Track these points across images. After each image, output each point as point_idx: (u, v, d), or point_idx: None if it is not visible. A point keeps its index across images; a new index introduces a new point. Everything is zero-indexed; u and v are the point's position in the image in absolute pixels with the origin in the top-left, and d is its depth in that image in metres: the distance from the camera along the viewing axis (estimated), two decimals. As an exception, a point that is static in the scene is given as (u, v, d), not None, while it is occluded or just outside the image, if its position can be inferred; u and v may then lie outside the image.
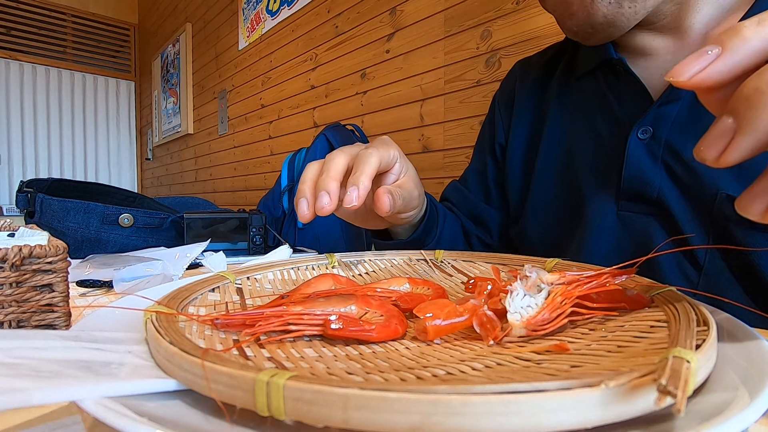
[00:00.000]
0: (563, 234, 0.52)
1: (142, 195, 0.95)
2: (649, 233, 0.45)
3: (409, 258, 0.45)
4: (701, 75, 0.20)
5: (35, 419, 0.20)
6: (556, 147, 0.54)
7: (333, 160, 0.37)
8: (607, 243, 0.47)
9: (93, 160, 4.06)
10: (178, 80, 3.16)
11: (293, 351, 0.23)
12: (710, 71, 0.20)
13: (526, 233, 0.57)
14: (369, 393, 0.14)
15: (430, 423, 0.13)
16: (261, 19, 2.19)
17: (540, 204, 0.56)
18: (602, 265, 0.31)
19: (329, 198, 0.35)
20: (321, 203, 0.34)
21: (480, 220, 0.63)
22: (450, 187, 0.68)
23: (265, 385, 0.15)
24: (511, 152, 0.60)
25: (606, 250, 0.47)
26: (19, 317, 0.30)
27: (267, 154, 2.21)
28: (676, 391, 0.13)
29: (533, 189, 0.56)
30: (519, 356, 0.21)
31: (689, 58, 0.20)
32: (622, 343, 0.21)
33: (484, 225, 0.63)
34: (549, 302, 0.24)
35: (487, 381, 0.16)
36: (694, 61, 0.20)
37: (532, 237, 0.56)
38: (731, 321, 0.23)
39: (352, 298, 0.27)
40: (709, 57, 0.20)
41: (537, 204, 0.56)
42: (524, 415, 0.13)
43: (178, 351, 0.18)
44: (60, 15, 3.85)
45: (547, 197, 0.55)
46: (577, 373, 0.18)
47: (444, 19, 1.28)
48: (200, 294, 0.31)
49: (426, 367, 0.20)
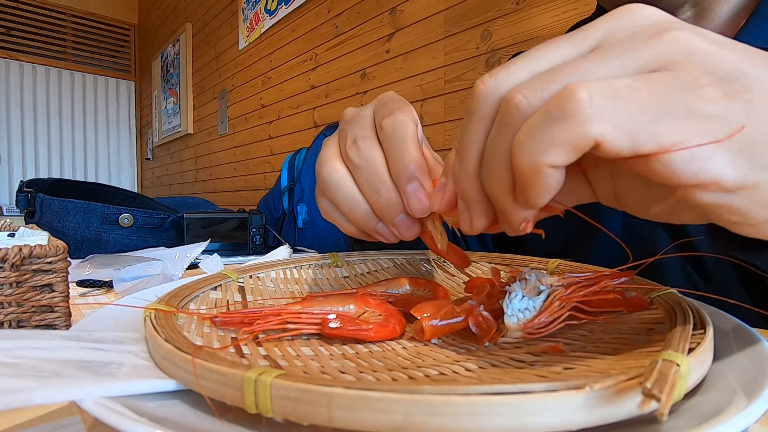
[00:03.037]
0: (565, 241, 0.52)
1: (142, 195, 0.95)
2: (655, 240, 0.44)
3: (411, 257, 0.45)
4: (443, 202, 0.23)
5: (35, 419, 0.20)
6: None
7: (368, 161, 0.26)
8: (612, 250, 0.47)
9: (93, 160, 4.05)
10: (178, 80, 3.16)
11: (290, 350, 0.23)
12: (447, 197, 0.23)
13: (524, 240, 0.56)
14: (352, 392, 0.14)
15: (413, 423, 0.13)
16: (260, 18, 2.19)
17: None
18: None
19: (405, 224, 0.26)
20: (402, 233, 0.26)
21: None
22: None
23: (253, 382, 0.15)
24: None
25: (610, 257, 0.47)
26: (19, 317, 0.30)
27: (267, 154, 2.21)
28: (661, 395, 0.13)
29: None
30: (514, 357, 0.21)
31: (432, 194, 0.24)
32: (618, 345, 0.21)
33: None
34: (546, 306, 0.24)
35: (475, 382, 0.16)
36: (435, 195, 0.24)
37: (530, 243, 0.56)
38: (733, 322, 0.23)
39: (350, 298, 0.27)
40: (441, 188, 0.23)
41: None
42: (507, 416, 0.13)
43: (172, 348, 0.18)
44: (60, 15, 3.85)
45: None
46: (568, 375, 0.18)
47: (444, 19, 1.28)
48: (201, 292, 0.31)
49: (420, 367, 0.20)
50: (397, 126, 0.25)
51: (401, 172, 0.25)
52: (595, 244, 0.48)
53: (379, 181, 0.25)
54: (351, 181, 0.26)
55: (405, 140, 0.25)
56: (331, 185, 0.27)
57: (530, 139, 0.17)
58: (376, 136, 0.26)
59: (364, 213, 0.26)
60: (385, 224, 0.26)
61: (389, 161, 0.25)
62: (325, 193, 0.28)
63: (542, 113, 0.17)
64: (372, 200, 0.26)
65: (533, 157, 0.17)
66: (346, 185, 0.26)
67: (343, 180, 0.26)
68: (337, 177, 0.26)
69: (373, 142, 0.26)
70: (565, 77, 0.17)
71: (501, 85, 0.19)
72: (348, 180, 0.26)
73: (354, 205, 0.26)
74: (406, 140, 0.25)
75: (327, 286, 0.39)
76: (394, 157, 0.25)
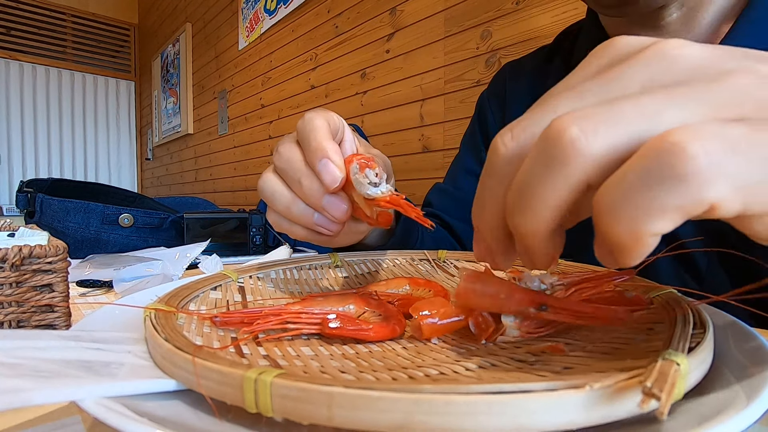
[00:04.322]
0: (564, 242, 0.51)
1: (142, 195, 0.95)
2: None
3: (411, 258, 0.45)
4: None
5: (35, 419, 0.20)
6: None
7: (288, 161, 0.29)
8: None
9: (93, 160, 4.06)
10: (178, 80, 3.16)
11: (290, 349, 0.23)
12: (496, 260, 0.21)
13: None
14: (353, 391, 0.14)
15: (413, 422, 0.13)
16: (259, 18, 2.19)
17: None
18: None
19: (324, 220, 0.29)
20: (324, 228, 0.29)
21: None
22: (434, 190, 0.65)
23: (253, 382, 0.15)
24: None
25: None
26: (19, 317, 0.30)
27: (267, 154, 2.21)
28: (661, 394, 0.13)
29: None
30: (514, 357, 0.21)
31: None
32: (618, 345, 0.21)
33: None
34: None
35: (476, 381, 0.16)
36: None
37: None
38: (731, 321, 0.23)
39: (350, 298, 0.28)
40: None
41: None
42: (508, 415, 0.13)
43: (172, 348, 0.18)
44: (60, 15, 3.85)
45: None
46: (568, 374, 0.18)
47: (444, 19, 1.28)
48: (201, 292, 0.31)
49: (420, 367, 0.20)
50: (305, 123, 0.29)
51: (311, 155, 0.28)
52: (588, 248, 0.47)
53: (299, 172, 0.28)
54: (282, 185, 0.30)
55: (312, 131, 0.28)
56: (267, 193, 0.30)
57: (628, 204, 0.14)
58: (296, 142, 0.30)
59: (299, 209, 0.29)
60: (318, 211, 0.29)
61: (304, 154, 0.29)
62: (269, 204, 0.31)
63: (639, 171, 0.14)
64: (299, 192, 0.29)
65: (634, 225, 0.14)
66: (280, 189, 0.30)
67: (275, 185, 0.30)
68: (270, 185, 0.30)
69: (292, 145, 0.29)
70: (638, 113, 0.14)
71: (544, 118, 0.17)
72: (279, 185, 0.30)
73: (289, 203, 0.29)
74: (313, 130, 0.28)
75: (327, 286, 0.39)
76: (305, 148, 0.28)
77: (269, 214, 0.32)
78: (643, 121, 0.14)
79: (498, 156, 0.18)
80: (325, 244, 0.36)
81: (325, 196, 0.28)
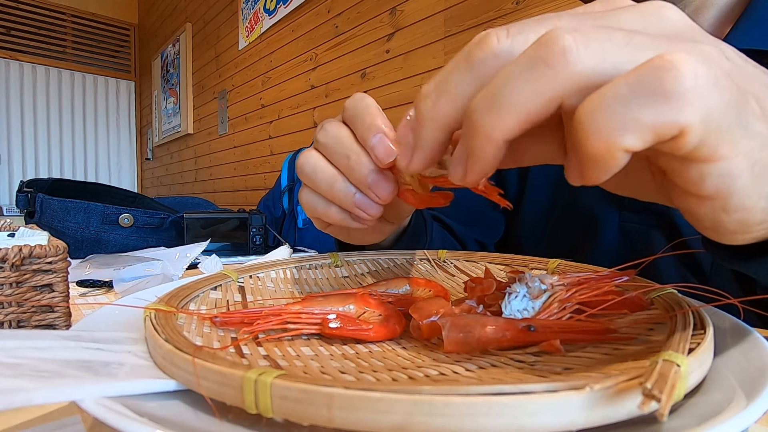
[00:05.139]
0: (561, 245, 0.51)
1: (142, 195, 0.95)
2: (652, 245, 0.44)
3: (411, 257, 0.45)
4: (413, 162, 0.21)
5: (35, 419, 0.20)
6: None
7: (335, 137, 0.27)
8: (608, 255, 0.47)
9: (93, 160, 4.06)
10: (178, 80, 3.16)
11: (290, 350, 0.23)
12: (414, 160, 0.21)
13: (521, 244, 0.56)
14: (353, 392, 0.14)
15: (413, 423, 0.13)
16: (259, 18, 2.19)
17: (535, 214, 0.54)
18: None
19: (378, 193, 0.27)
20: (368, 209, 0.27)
21: (480, 219, 0.63)
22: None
23: (253, 383, 0.15)
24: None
25: (607, 262, 0.47)
26: (19, 317, 0.30)
27: (267, 154, 2.21)
28: (661, 395, 0.13)
29: (527, 199, 0.55)
30: (514, 358, 0.21)
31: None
32: (618, 345, 0.21)
33: (486, 225, 0.62)
34: (545, 308, 0.24)
35: (476, 382, 0.16)
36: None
37: (527, 248, 0.55)
38: (733, 322, 0.23)
39: (350, 298, 0.27)
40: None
41: (531, 213, 0.55)
42: (508, 416, 0.13)
43: (172, 348, 0.18)
44: (60, 15, 3.85)
45: (543, 207, 0.54)
46: (568, 375, 0.18)
47: (444, 19, 1.28)
48: (201, 292, 0.31)
49: (420, 367, 0.20)
50: (356, 100, 0.27)
51: (365, 131, 0.26)
52: (593, 247, 0.47)
53: (347, 148, 0.27)
54: (325, 161, 0.28)
55: (366, 108, 0.26)
56: (307, 168, 0.28)
57: (608, 113, 0.14)
58: (342, 121, 0.28)
59: (341, 187, 0.27)
60: (361, 190, 0.27)
61: (354, 131, 0.27)
62: (305, 182, 0.29)
63: (633, 82, 0.14)
64: (344, 167, 0.27)
65: (611, 137, 0.14)
66: (323, 165, 0.28)
67: (318, 162, 0.28)
68: (313, 161, 0.28)
69: (338, 122, 0.28)
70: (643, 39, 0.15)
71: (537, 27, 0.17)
72: (322, 160, 0.28)
73: (331, 180, 0.27)
74: (367, 108, 0.26)
75: (327, 286, 0.39)
76: (357, 125, 0.26)
77: (303, 194, 0.30)
78: (630, 52, 0.15)
79: (486, 48, 0.17)
80: (350, 240, 0.36)
81: (372, 173, 0.26)
